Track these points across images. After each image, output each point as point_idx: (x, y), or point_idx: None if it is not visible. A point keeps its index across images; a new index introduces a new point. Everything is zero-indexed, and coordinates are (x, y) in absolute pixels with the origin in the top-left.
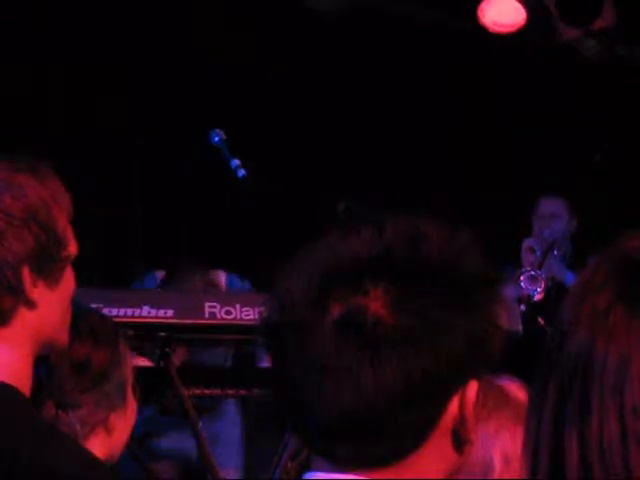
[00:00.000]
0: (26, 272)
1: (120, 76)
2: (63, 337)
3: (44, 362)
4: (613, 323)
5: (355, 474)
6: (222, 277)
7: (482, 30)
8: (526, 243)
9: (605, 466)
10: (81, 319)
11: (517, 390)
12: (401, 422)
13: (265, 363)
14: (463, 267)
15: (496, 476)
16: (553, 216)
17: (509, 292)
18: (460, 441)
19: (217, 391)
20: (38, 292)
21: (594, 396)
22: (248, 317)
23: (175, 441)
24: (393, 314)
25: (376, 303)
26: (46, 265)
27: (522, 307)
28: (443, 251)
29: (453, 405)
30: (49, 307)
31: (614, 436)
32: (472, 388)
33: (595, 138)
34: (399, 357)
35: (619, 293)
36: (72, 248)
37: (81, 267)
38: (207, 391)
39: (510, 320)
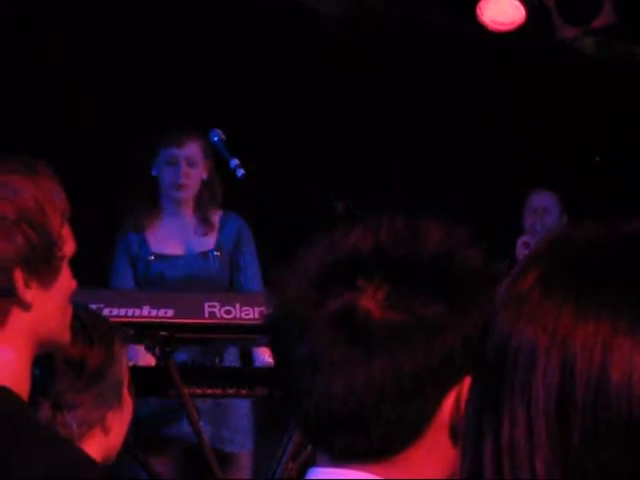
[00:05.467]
0: (18, 274)
1: (116, 76)
2: (63, 336)
3: (38, 363)
4: (528, 309)
5: (352, 468)
6: (217, 215)
7: (481, 28)
8: (521, 239)
9: (514, 468)
10: (74, 318)
11: None
12: (393, 417)
13: (263, 363)
14: (457, 264)
15: None
16: (545, 210)
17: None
18: (459, 437)
19: (218, 391)
20: (32, 293)
21: (506, 392)
22: (247, 317)
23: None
24: (382, 310)
25: (367, 299)
26: (39, 266)
27: None
28: (437, 248)
29: (449, 401)
30: (45, 308)
31: (521, 435)
32: (468, 384)
33: (594, 139)
34: (388, 353)
35: (539, 276)
36: (68, 248)
37: (80, 265)
38: (208, 391)
39: None
